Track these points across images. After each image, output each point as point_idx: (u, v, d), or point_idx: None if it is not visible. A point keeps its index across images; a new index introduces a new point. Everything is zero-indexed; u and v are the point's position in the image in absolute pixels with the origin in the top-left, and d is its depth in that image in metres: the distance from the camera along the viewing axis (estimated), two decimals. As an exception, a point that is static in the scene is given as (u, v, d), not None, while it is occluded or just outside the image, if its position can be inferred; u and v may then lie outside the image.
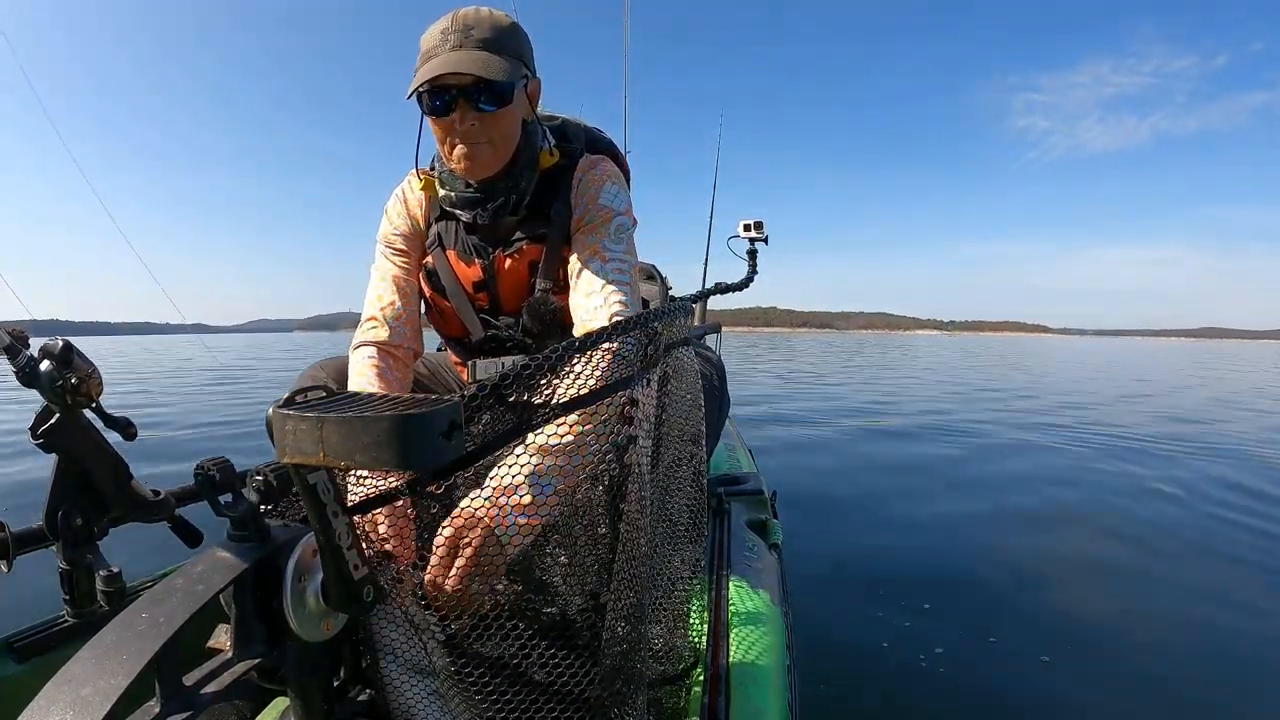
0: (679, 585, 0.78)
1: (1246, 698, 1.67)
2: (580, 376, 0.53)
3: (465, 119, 0.93)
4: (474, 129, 0.94)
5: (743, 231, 2.58)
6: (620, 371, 0.55)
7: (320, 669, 0.52)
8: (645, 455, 0.60)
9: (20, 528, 0.53)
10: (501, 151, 0.98)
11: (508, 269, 1.06)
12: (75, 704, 0.35)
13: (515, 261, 1.05)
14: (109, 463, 0.53)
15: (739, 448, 2.25)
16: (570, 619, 0.59)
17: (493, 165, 0.99)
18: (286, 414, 0.37)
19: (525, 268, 1.06)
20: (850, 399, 8.58)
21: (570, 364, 0.52)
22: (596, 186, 1.04)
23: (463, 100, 0.92)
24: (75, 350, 0.50)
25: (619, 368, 0.55)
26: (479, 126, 0.94)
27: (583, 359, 0.52)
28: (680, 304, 0.69)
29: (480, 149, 0.96)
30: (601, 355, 0.54)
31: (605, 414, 0.55)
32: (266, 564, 0.46)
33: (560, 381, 0.52)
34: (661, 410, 0.66)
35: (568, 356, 0.51)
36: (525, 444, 0.54)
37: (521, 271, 1.06)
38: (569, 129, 1.13)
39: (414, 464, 0.35)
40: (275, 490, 0.47)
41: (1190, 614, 2.16)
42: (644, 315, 0.58)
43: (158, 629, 0.39)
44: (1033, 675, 1.74)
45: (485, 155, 0.97)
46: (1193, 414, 7.61)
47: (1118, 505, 3.52)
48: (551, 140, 1.07)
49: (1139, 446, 5.24)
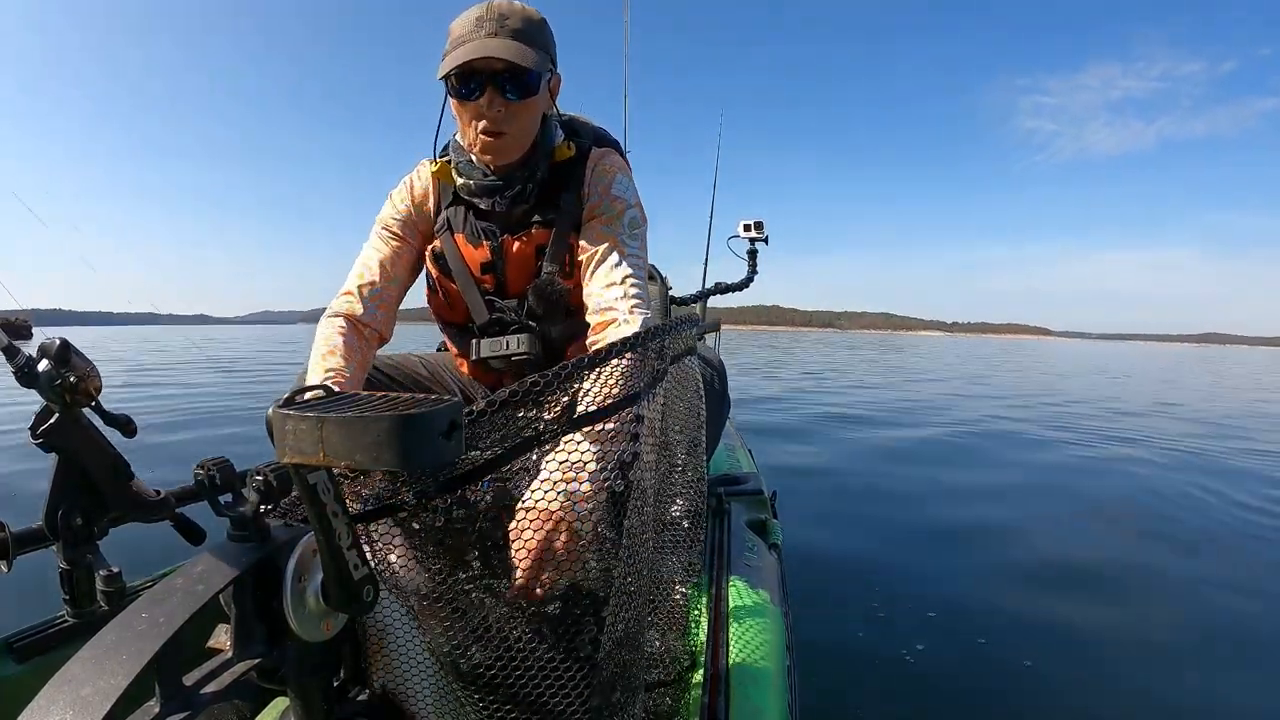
0: (677, 590, 0.79)
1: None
2: (589, 394, 0.53)
3: (493, 105, 0.96)
4: (500, 115, 0.97)
5: (743, 231, 2.58)
6: (628, 388, 0.55)
7: (320, 669, 0.51)
8: (649, 470, 0.60)
9: (20, 528, 0.53)
10: (523, 140, 1.03)
11: (515, 251, 1.08)
12: (75, 704, 0.35)
13: (523, 245, 1.08)
14: (109, 462, 0.53)
15: (739, 448, 2.25)
16: (570, 628, 0.59)
17: (514, 153, 1.03)
18: (286, 414, 0.37)
19: (532, 251, 1.08)
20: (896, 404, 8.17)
21: (582, 379, 0.52)
22: (609, 177, 1.08)
23: (491, 87, 0.95)
24: (73, 349, 0.50)
25: (629, 382, 0.56)
26: (505, 114, 0.97)
27: (592, 375, 0.52)
28: (689, 318, 0.70)
29: (504, 138, 1.00)
30: (611, 371, 0.54)
31: (613, 430, 0.56)
32: (266, 564, 0.46)
33: (569, 394, 0.52)
34: (664, 421, 0.66)
35: (577, 373, 0.51)
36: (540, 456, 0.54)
37: (529, 254, 1.09)
38: (576, 124, 1.17)
39: (414, 464, 0.35)
40: (275, 490, 0.47)
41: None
42: (655, 330, 0.58)
43: (158, 629, 0.39)
44: (1034, 676, 1.75)
45: (508, 143, 1.01)
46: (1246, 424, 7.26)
47: (1144, 502, 3.52)
48: (562, 134, 1.11)
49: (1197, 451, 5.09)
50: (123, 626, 0.39)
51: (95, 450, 0.52)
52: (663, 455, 0.67)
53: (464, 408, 0.43)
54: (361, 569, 0.45)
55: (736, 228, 2.60)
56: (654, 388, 0.59)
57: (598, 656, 0.57)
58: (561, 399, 0.52)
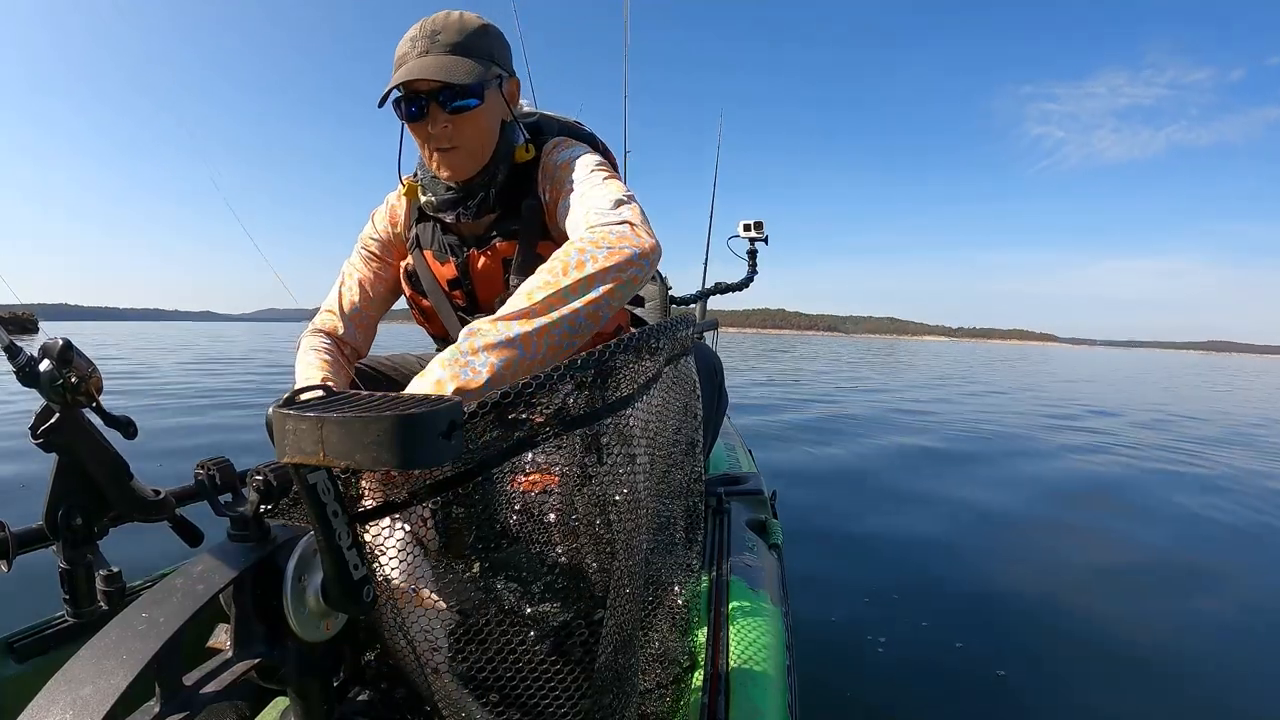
0: (675, 590, 0.78)
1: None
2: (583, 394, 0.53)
3: (438, 122, 0.95)
4: (447, 131, 0.95)
5: (743, 231, 2.59)
6: (622, 389, 0.55)
7: (320, 669, 0.51)
8: (644, 472, 0.60)
9: (20, 527, 0.53)
10: (478, 153, 1.00)
11: (481, 267, 1.07)
12: (75, 704, 0.35)
13: (489, 259, 1.06)
14: (109, 462, 0.53)
15: (739, 448, 2.25)
16: (563, 631, 0.59)
17: (470, 167, 1.00)
18: (286, 414, 0.37)
19: (499, 264, 1.06)
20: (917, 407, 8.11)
21: (577, 379, 0.52)
22: (555, 157, 1.03)
23: (434, 104, 0.94)
24: (75, 349, 0.50)
25: (624, 382, 0.55)
26: (452, 128, 0.96)
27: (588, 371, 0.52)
28: (684, 319, 0.69)
29: (456, 152, 0.98)
30: (606, 369, 0.54)
31: (607, 435, 0.55)
32: (266, 564, 0.46)
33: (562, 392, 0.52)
34: (661, 422, 0.66)
35: (570, 374, 0.51)
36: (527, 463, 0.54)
37: (495, 268, 1.06)
38: (543, 124, 1.12)
39: (414, 464, 0.35)
40: (275, 490, 0.47)
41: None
42: (650, 332, 0.58)
43: (158, 629, 0.39)
44: (1034, 676, 1.75)
45: (461, 157, 0.99)
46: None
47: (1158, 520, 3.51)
48: (526, 135, 1.06)
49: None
50: (123, 626, 0.39)
51: (95, 450, 0.52)
52: (658, 456, 0.67)
53: (464, 408, 0.43)
54: (361, 569, 0.46)
55: (736, 228, 2.61)
56: (648, 390, 0.59)
57: (592, 660, 0.57)
58: (555, 400, 0.51)
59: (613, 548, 0.58)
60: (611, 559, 0.58)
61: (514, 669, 0.55)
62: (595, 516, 0.58)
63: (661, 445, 0.67)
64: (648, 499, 0.63)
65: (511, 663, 0.55)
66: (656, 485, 0.68)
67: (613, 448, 0.56)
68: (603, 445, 0.56)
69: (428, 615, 0.53)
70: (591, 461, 0.56)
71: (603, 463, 0.56)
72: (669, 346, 0.63)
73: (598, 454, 0.56)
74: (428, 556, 0.55)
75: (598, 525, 0.58)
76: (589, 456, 0.56)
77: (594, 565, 0.59)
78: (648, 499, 0.63)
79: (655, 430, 0.63)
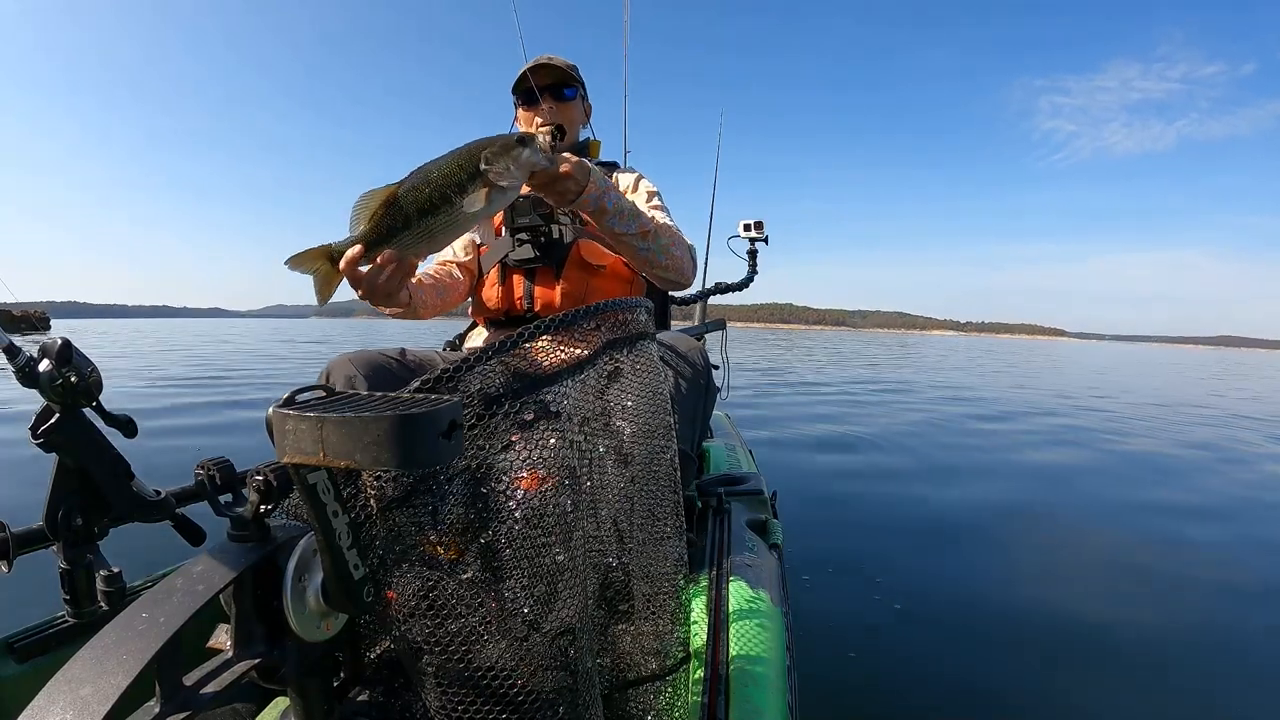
0: (663, 581, 0.77)
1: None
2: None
3: (549, 106, 1.39)
4: (554, 112, 1.39)
5: (743, 231, 2.58)
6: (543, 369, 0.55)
7: (320, 669, 0.51)
8: (610, 457, 0.60)
9: (20, 528, 0.53)
10: (571, 135, 1.44)
11: (555, 238, 1.33)
12: (75, 704, 0.35)
13: (562, 233, 1.32)
14: (109, 462, 0.53)
15: (739, 447, 2.24)
16: (534, 629, 0.58)
17: (565, 146, 1.41)
18: (287, 414, 0.37)
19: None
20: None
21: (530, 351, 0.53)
22: (623, 169, 1.52)
23: (549, 94, 1.40)
24: (74, 349, 0.50)
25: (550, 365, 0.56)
26: (558, 111, 1.40)
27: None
28: (636, 300, 0.68)
29: (558, 133, 1.32)
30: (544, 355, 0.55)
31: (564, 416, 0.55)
32: (266, 564, 0.46)
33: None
34: (621, 408, 0.66)
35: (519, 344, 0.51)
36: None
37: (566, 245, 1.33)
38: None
39: (414, 464, 0.35)
40: (275, 490, 0.47)
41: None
42: (587, 311, 0.58)
43: (158, 629, 0.39)
44: (1035, 676, 1.74)
45: (561, 136, 1.36)
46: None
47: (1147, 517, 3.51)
48: (593, 136, 1.54)
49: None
50: (123, 626, 0.39)
51: (95, 450, 0.52)
52: (625, 439, 0.66)
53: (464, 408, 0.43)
54: (361, 569, 0.46)
55: (736, 227, 2.60)
56: (582, 371, 0.58)
57: (566, 662, 0.57)
58: (475, 381, 0.51)
59: (579, 534, 0.58)
60: (577, 548, 0.58)
61: (508, 668, 0.55)
62: (558, 505, 0.57)
63: (632, 433, 0.66)
64: (615, 481, 0.63)
65: (508, 660, 0.55)
66: (624, 470, 0.67)
67: (548, 427, 0.55)
68: (531, 422, 0.55)
69: (424, 615, 0.53)
70: (528, 438, 0.55)
71: (539, 441, 0.55)
72: (609, 329, 0.62)
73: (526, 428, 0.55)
74: (426, 557, 0.55)
75: (569, 515, 0.58)
76: (533, 435, 0.54)
77: (563, 558, 0.58)
78: (615, 481, 0.63)
79: (599, 410, 0.62)
